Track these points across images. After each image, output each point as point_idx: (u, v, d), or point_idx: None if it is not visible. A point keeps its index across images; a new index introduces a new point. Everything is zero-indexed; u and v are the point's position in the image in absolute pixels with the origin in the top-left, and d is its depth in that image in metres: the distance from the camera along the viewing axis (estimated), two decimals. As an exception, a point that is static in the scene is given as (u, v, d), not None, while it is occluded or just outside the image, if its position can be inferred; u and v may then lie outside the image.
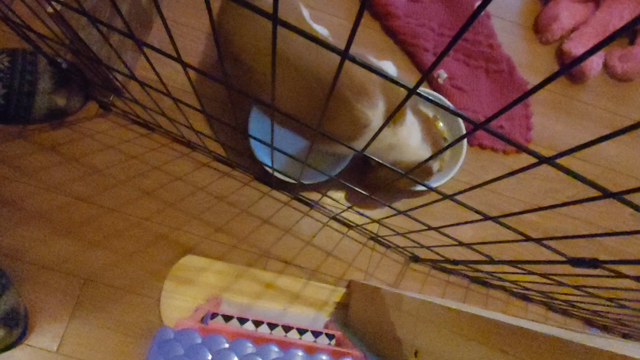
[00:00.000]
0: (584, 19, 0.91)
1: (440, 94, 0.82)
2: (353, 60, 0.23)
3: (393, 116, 0.27)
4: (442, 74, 0.83)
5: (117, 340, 0.64)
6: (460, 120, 0.75)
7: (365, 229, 0.73)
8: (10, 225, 0.66)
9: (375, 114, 0.53)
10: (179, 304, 0.65)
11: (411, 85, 0.25)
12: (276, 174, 0.67)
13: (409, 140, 0.60)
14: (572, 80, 0.90)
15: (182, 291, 0.66)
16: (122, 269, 0.67)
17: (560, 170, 0.24)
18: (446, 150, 0.29)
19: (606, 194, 0.25)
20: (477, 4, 0.89)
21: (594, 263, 0.33)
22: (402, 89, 0.24)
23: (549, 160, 0.24)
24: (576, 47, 0.87)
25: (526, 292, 0.63)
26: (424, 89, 0.82)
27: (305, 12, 0.61)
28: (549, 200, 0.82)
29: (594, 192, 0.83)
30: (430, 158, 0.32)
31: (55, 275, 0.65)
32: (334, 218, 0.74)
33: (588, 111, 0.89)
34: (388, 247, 0.75)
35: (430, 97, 0.26)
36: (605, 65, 0.92)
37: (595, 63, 0.87)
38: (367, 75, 0.52)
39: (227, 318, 0.51)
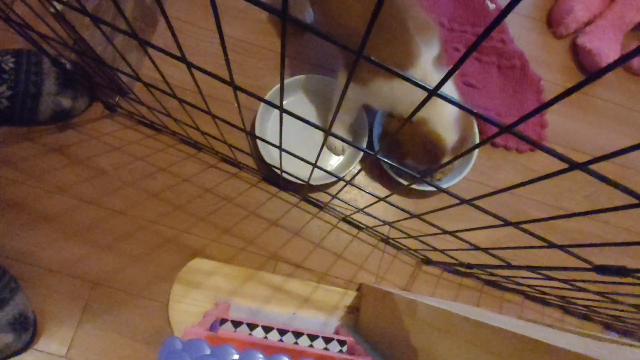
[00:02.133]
0: (598, 11, 0.88)
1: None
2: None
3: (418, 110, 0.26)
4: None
5: (126, 344, 0.63)
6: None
7: (376, 231, 0.71)
8: (17, 229, 0.65)
9: (427, 52, 0.55)
10: (187, 308, 0.64)
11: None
12: (284, 175, 0.65)
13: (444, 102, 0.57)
14: (586, 75, 0.88)
15: (191, 295, 0.65)
16: (130, 272, 0.66)
17: (595, 177, 0.23)
18: (473, 151, 0.28)
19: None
20: (489, -3, 0.87)
21: (622, 271, 0.32)
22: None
23: (582, 167, 0.22)
24: (591, 41, 0.84)
25: (543, 296, 0.61)
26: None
27: None
28: (565, 200, 0.79)
29: (612, 192, 0.80)
30: (455, 158, 0.29)
31: (63, 279, 0.65)
32: (344, 220, 0.73)
33: (604, 107, 0.86)
34: (399, 249, 0.73)
35: (451, 98, 0.24)
36: (622, 60, 0.89)
37: (610, 58, 0.85)
38: (430, 20, 0.58)
39: (237, 324, 0.50)
